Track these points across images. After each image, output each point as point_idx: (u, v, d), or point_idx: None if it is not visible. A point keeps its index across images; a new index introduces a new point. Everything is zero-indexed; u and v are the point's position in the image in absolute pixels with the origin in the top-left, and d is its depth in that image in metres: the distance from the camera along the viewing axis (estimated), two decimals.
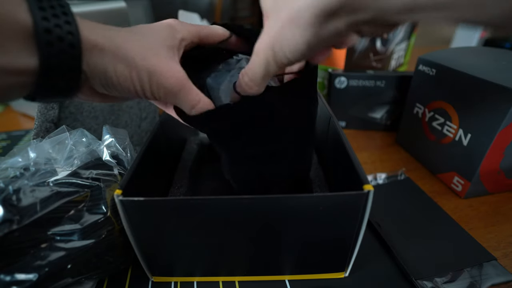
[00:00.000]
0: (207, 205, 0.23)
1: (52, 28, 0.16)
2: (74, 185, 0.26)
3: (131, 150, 0.32)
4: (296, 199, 0.23)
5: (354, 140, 0.55)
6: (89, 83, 0.19)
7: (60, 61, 0.16)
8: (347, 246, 0.26)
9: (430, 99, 0.43)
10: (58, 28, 0.16)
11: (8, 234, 0.22)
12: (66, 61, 0.16)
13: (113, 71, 0.18)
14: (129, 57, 0.18)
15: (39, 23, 0.15)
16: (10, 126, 0.64)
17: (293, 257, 0.28)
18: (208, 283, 0.29)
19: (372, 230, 0.34)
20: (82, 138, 0.30)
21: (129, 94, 0.20)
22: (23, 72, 0.16)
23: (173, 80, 0.20)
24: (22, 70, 0.15)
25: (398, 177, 0.43)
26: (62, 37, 0.16)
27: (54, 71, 0.16)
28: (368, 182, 0.23)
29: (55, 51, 0.16)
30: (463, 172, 0.38)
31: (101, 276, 0.28)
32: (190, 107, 0.22)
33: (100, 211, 0.26)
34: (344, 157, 0.28)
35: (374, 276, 0.29)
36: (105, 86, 0.19)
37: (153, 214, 0.24)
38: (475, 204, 0.38)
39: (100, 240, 0.26)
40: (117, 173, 0.29)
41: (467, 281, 0.28)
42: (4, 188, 0.23)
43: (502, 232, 0.34)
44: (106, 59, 0.18)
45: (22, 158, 0.27)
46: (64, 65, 0.16)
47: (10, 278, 0.22)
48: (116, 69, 0.18)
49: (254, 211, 0.24)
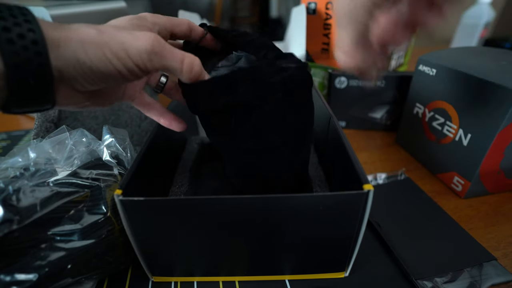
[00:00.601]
0: (207, 205, 0.23)
1: (11, 26, 0.15)
2: (74, 185, 0.26)
3: (131, 150, 0.32)
4: (297, 199, 0.23)
5: (354, 140, 0.55)
6: (66, 82, 0.18)
7: (25, 59, 0.16)
8: (347, 246, 0.26)
9: (430, 99, 0.43)
10: (18, 26, 0.16)
11: (8, 234, 0.22)
12: (31, 57, 0.16)
13: (85, 56, 0.17)
14: (97, 37, 0.18)
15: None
16: (10, 126, 0.64)
17: (293, 257, 0.28)
18: (208, 283, 0.29)
19: (372, 230, 0.34)
20: (82, 138, 0.30)
21: (112, 78, 0.19)
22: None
23: (149, 39, 0.19)
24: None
25: (398, 177, 0.43)
26: (22, 34, 0.16)
27: (21, 68, 0.16)
28: (368, 182, 0.23)
29: (17, 47, 0.15)
30: (463, 172, 0.38)
31: (101, 276, 0.28)
32: (179, 62, 0.20)
33: (100, 211, 0.26)
34: (344, 157, 0.28)
35: (374, 276, 0.29)
36: (84, 77, 0.18)
37: (153, 214, 0.24)
38: (475, 204, 0.38)
39: (100, 240, 0.26)
40: (117, 173, 0.29)
41: (467, 281, 0.28)
42: (4, 188, 0.23)
43: (502, 232, 0.34)
44: (75, 46, 0.17)
45: (22, 158, 0.27)
46: (31, 62, 0.16)
47: (10, 278, 0.22)
48: (88, 52, 0.17)
49: (254, 211, 0.24)
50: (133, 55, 0.18)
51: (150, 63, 0.19)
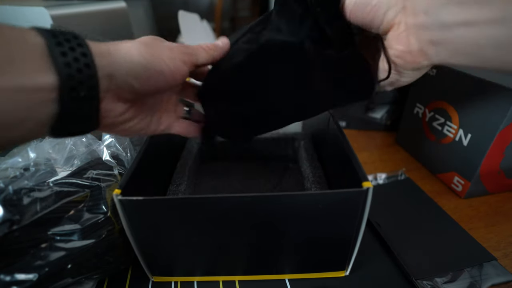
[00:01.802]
0: (207, 204, 0.23)
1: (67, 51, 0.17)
2: (74, 185, 0.26)
3: (131, 150, 0.32)
4: (296, 197, 0.23)
5: (354, 140, 0.55)
6: (114, 88, 0.19)
7: (77, 68, 0.17)
8: (347, 245, 0.26)
9: (430, 99, 0.43)
10: (67, 42, 0.17)
11: (8, 234, 0.22)
12: (82, 68, 0.17)
13: (139, 55, 0.20)
14: (148, 43, 0.21)
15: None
16: None
17: (293, 256, 0.28)
18: (208, 283, 0.29)
19: (372, 230, 0.34)
20: (82, 138, 0.30)
21: (161, 77, 0.21)
22: (43, 88, 0.16)
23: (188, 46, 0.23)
24: (42, 87, 0.16)
25: (398, 177, 0.43)
26: (73, 47, 0.17)
27: (73, 79, 0.16)
28: (368, 180, 0.23)
29: (69, 59, 0.16)
30: (463, 172, 0.38)
31: (101, 276, 0.28)
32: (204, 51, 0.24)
33: (100, 211, 0.26)
34: (344, 156, 0.28)
35: (374, 276, 0.29)
36: (135, 76, 0.20)
37: (152, 213, 0.24)
38: (475, 204, 0.38)
39: (100, 240, 0.26)
40: (117, 173, 0.29)
41: (467, 281, 0.28)
42: (4, 188, 0.23)
43: (502, 232, 0.34)
44: (127, 49, 0.19)
45: (22, 158, 0.27)
46: (81, 72, 0.17)
47: (10, 278, 0.22)
48: (142, 52, 0.20)
49: (253, 209, 0.24)
50: (180, 56, 0.22)
51: (189, 58, 0.23)
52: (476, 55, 0.17)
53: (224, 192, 0.39)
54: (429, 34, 0.18)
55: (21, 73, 0.15)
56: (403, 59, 0.21)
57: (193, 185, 0.39)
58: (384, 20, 0.20)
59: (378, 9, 0.20)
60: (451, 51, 0.18)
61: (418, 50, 0.19)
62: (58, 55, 0.16)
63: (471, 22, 0.16)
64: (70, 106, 0.17)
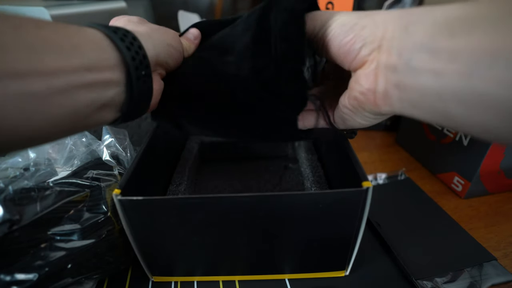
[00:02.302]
0: (207, 203, 0.23)
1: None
2: (74, 185, 0.26)
3: (131, 150, 0.32)
4: (296, 197, 0.23)
5: (354, 140, 0.54)
6: (159, 65, 0.22)
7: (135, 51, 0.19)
8: (347, 244, 0.26)
9: None
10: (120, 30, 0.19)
11: (8, 234, 0.22)
12: (138, 51, 0.19)
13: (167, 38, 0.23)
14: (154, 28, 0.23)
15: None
16: None
17: (293, 256, 0.28)
18: (208, 283, 0.29)
19: (372, 229, 0.34)
20: (82, 138, 0.30)
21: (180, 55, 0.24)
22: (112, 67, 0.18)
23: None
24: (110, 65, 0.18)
25: (398, 177, 0.43)
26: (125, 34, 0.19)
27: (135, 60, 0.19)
28: (367, 179, 0.23)
29: (127, 43, 0.19)
30: (463, 172, 0.38)
31: (101, 276, 0.28)
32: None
33: (100, 211, 0.26)
34: (344, 156, 0.28)
35: (374, 275, 0.29)
36: (169, 55, 0.23)
37: (152, 213, 0.24)
38: (475, 204, 0.38)
39: (100, 240, 0.26)
40: (117, 173, 0.29)
41: (467, 281, 0.28)
42: (4, 188, 0.23)
43: (502, 232, 0.34)
44: (159, 33, 0.23)
45: (22, 158, 0.28)
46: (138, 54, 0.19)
47: (10, 278, 0.22)
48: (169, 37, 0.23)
49: (253, 209, 0.24)
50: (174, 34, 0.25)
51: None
52: (439, 110, 0.16)
53: (224, 192, 0.39)
54: (397, 76, 0.18)
55: (89, 57, 0.16)
56: (366, 97, 0.20)
57: (193, 185, 0.39)
58: (357, 55, 0.19)
59: (354, 43, 0.19)
60: (414, 101, 0.17)
61: (382, 92, 0.19)
62: (118, 40, 0.18)
63: (439, 72, 0.15)
64: (137, 85, 0.19)
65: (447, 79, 0.15)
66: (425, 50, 0.16)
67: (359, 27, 0.19)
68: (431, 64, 0.16)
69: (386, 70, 0.18)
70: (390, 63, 0.18)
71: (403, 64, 0.17)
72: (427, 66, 0.16)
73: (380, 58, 0.19)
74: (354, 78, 0.21)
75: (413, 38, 0.17)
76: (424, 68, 0.16)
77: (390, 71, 0.18)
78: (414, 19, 0.17)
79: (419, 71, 0.16)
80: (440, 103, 0.16)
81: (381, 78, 0.19)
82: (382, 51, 0.18)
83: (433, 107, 0.17)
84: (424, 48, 0.16)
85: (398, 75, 0.18)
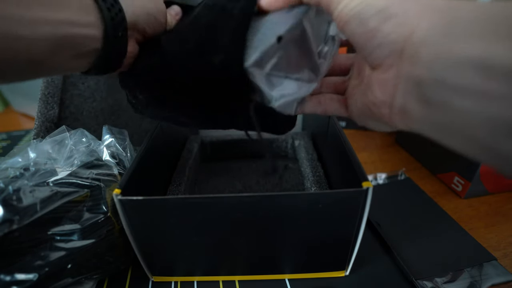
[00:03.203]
0: (207, 204, 0.23)
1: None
2: (74, 185, 0.26)
3: (131, 150, 0.32)
4: (296, 197, 0.23)
5: (354, 140, 0.55)
6: (136, 31, 0.23)
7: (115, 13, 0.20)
8: (347, 244, 0.26)
9: None
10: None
11: (8, 234, 0.22)
12: (118, 13, 0.20)
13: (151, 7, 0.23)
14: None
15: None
16: (10, 126, 0.64)
17: (293, 256, 0.28)
18: (208, 283, 0.29)
19: (372, 229, 0.34)
20: (82, 138, 0.30)
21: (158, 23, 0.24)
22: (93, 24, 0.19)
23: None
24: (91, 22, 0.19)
25: (398, 177, 0.43)
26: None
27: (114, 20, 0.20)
28: (367, 179, 0.23)
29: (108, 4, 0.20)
30: (463, 172, 0.38)
31: (101, 276, 0.28)
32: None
33: (100, 211, 0.26)
34: (344, 156, 0.28)
35: (374, 275, 0.29)
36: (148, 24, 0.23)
37: (152, 213, 0.24)
38: (475, 204, 0.38)
39: (100, 240, 0.26)
40: (117, 173, 0.29)
41: (467, 281, 0.28)
42: (4, 188, 0.23)
43: (502, 232, 0.34)
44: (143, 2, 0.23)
45: (22, 158, 0.27)
46: (117, 16, 0.20)
47: (10, 278, 0.22)
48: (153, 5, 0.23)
49: (253, 209, 0.24)
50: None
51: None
52: (480, 140, 0.12)
53: (224, 192, 0.39)
54: (422, 91, 0.14)
55: (74, 13, 0.18)
56: (379, 110, 0.17)
57: (193, 185, 0.39)
58: (372, 54, 0.16)
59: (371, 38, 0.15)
60: (443, 125, 0.14)
61: (400, 107, 0.15)
62: (101, 1, 0.19)
63: (491, 96, 0.11)
64: (112, 43, 0.20)
65: (505, 104, 0.11)
66: (473, 66, 0.12)
67: (384, 15, 0.15)
68: (480, 85, 0.12)
69: (407, 83, 0.15)
70: (415, 75, 0.14)
71: (433, 80, 0.13)
72: (474, 87, 0.12)
73: (401, 66, 0.15)
74: (368, 80, 0.17)
75: (456, 49, 0.12)
76: (468, 89, 0.12)
77: (413, 84, 0.14)
78: (461, 17, 0.13)
79: (459, 91, 0.12)
80: (485, 133, 0.12)
81: (400, 90, 0.15)
82: (404, 58, 0.15)
83: (473, 137, 0.13)
84: (472, 63, 0.12)
85: (425, 90, 0.14)
